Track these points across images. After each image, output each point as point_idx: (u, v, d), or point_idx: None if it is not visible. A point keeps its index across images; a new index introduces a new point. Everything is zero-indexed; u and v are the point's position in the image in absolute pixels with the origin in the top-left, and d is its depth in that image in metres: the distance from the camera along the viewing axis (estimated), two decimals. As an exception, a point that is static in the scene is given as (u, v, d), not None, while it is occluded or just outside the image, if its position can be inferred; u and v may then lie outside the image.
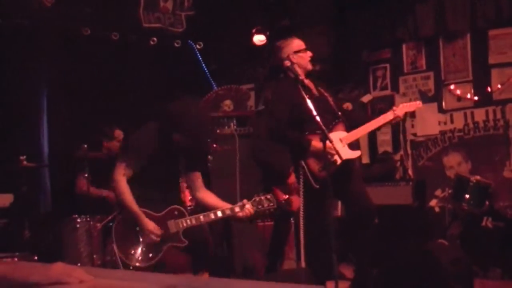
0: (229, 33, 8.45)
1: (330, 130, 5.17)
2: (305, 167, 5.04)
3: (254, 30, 8.15)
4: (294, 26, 8.26)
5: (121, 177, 4.65)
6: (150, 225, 4.58)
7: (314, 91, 5.36)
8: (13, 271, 1.77)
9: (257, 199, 4.77)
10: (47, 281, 1.75)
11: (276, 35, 8.23)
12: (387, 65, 8.03)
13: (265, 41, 8.19)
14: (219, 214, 4.72)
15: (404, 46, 7.84)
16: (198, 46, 8.11)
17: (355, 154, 5.27)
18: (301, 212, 5.10)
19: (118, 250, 4.60)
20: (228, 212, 4.71)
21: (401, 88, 7.91)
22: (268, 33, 8.17)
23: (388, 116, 5.43)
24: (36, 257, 5.33)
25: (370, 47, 8.06)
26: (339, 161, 4.96)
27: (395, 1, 7.74)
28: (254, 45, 8.23)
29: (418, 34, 7.63)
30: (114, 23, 7.48)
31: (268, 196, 4.82)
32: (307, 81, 5.36)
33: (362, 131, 5.46)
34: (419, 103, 5.70)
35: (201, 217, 4.68)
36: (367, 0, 7.79)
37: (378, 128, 5.89)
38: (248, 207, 4.72)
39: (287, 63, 4.89)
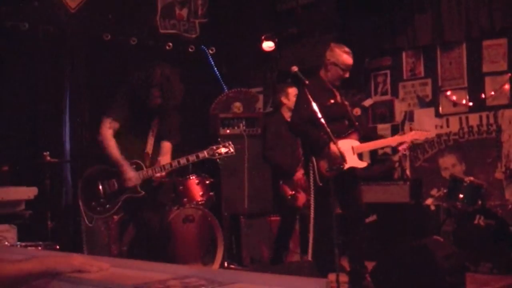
0: (239, 40, 8.46)
1: (345, 137, 5.19)
2: (314, 164, 5.04)
3: (263, 37, 8.15)
4: (301, 34, 8.26)
5: (107, 130, 4.80)
6: (131, 173, 4.75)
7: (338, 97, 5.36)
8: (39, 265, 1.80)
9: (214, 147, 4.90)
10: (69, 270, 1.77)
11: (284, 42, 8.27)
12: (388, 71, 8.01)
13: (273, 47, 8.19)
14: (172, 164, 4.84)
15: (403, 54, 7.83)
16: (210, 51, 8.12)
17: (362, 164, 5.29)
18: (311, 207, 5.11)
19: (82, 203, 4.86)
20: (183, 161, 4.85)
21: (400, 93, 7.89)
22: (276, 40, 8.17)
23: (402, 138, 5.47)
24: (58, 247, 5.36)
25: (372, 55, 8.04)
26: (345, 167, 4.98)
27: (396, 12, 7.72)
28: (263, 51, 8.24)
29: (417, 43, 7.61)
30: (132, 29, 7.50)
31: (226, 144, 4.96)
32: (333, 88, 5.39)
33: (374, 145, 5.52)
34: (429, 133, 5.72)
35: (156, 169, 4.82)
36: (369, 10, 7.77)
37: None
38: (204, 154, 4.88)
39: (294, 68, 4.87)
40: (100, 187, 4.83)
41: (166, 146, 5.00)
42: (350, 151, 5.14)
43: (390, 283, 4.80)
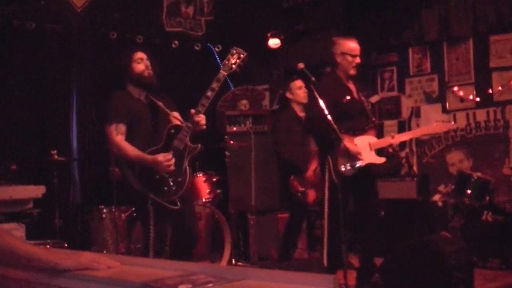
0: (245, 37, 8.44)
1: (363, 133, 5.17)
2: (330, 161, 5.00)
3: (269, 34, 8.15)
4: (308, 31, 8.25)
5: (117, 136, 4.47)
6: (158, 157, 4.37)
7: (355, 94, 5.33)
8: (46, 254, 1.79)
9: (226, 61, 4.56)
10: (77, 267, 1.77)
11: (291, 39, 8.26)
12: (394, 67, 8.00)
13: (279, 44, 8.18)
14: (203, 103, 4.47)
15: (410, 50, 7.81)
16: (216, 49, 8.12)
17: (379, 160, 5.26)
18: (326, 205, 5.04)
19: (156, 196, 4.40)
20: (209, 93, 4.47)
21: (407, 89, 7.88)
22: (282, 37, 8.16)
23: (422, 131, 5.41)
24: (66, 244, 5.38)
25: (378, 51, 8.02)
26: (363, 163, 4.97)
27: (402, 8, 7.70)
28: (270, 48, 8.23)
29: (423, 39, 7.60)
30: (138, 27, 7.51)
31: (233, 52, 4.61)
32: (350, 84, 5.35)
33: (388, 141, 5.40)
34: (452, 125, 5.66)
35: (192, 121, 4.44)
36: (375, 6, 7.76)
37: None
38: (222, 74, 4.50)
39: (301, 65, 4.84)
40: (161, 173, 4.41)
41: (176, 114, 4.74)
42: (367, 147, 5.12)
43: (398, 280, 4.79)
